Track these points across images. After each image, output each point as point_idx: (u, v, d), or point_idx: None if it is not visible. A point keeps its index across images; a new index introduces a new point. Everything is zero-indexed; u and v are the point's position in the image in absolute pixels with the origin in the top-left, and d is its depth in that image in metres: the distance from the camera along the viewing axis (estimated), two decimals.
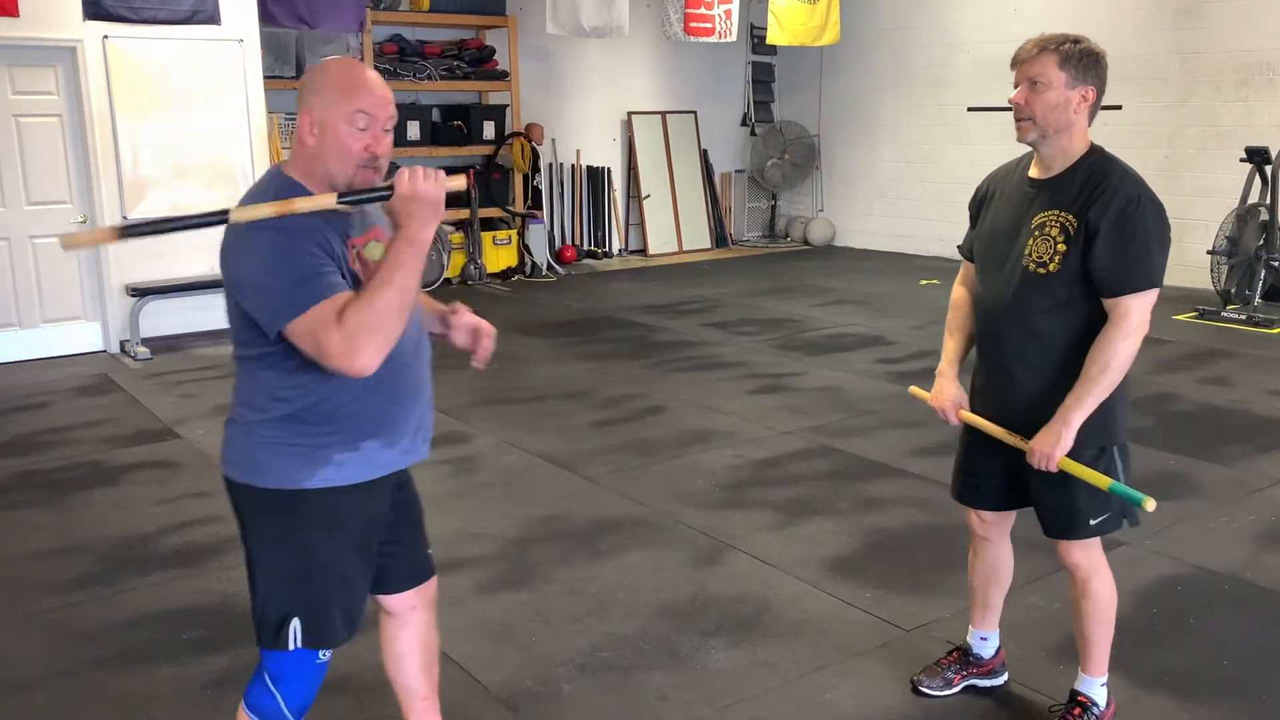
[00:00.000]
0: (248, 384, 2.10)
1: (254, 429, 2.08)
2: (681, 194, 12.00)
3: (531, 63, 10.66)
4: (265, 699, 2.16)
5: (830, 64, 12.02)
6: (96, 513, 4.42)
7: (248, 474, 2.09)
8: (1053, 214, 2.44)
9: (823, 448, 5.11)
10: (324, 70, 2.06)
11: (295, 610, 2.12)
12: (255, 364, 2.06)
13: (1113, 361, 2.37)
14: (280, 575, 2.12)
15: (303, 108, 2.02)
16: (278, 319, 1.93)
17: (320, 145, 2.01)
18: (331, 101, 1.99)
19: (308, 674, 2.18)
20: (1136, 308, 2.37)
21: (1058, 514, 2.56)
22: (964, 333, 2.72)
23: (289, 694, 2.16)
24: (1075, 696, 2.74)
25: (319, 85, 2.02)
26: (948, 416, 2.70)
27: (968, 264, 2.76)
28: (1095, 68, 2.43)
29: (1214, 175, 8.95)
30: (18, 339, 7.17)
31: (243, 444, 2.10)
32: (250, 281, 1.96)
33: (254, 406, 2.08)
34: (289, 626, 2.11)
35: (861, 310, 8.53)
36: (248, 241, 1.95)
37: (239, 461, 2.11)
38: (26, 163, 7.05)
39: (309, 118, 2.00)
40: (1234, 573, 3.70)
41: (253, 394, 2.08)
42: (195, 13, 7.35)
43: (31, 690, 3.05)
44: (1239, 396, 5.92)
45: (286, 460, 2.05)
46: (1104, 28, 9.44)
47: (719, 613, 3.45)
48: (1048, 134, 2.44)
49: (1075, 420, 2.39)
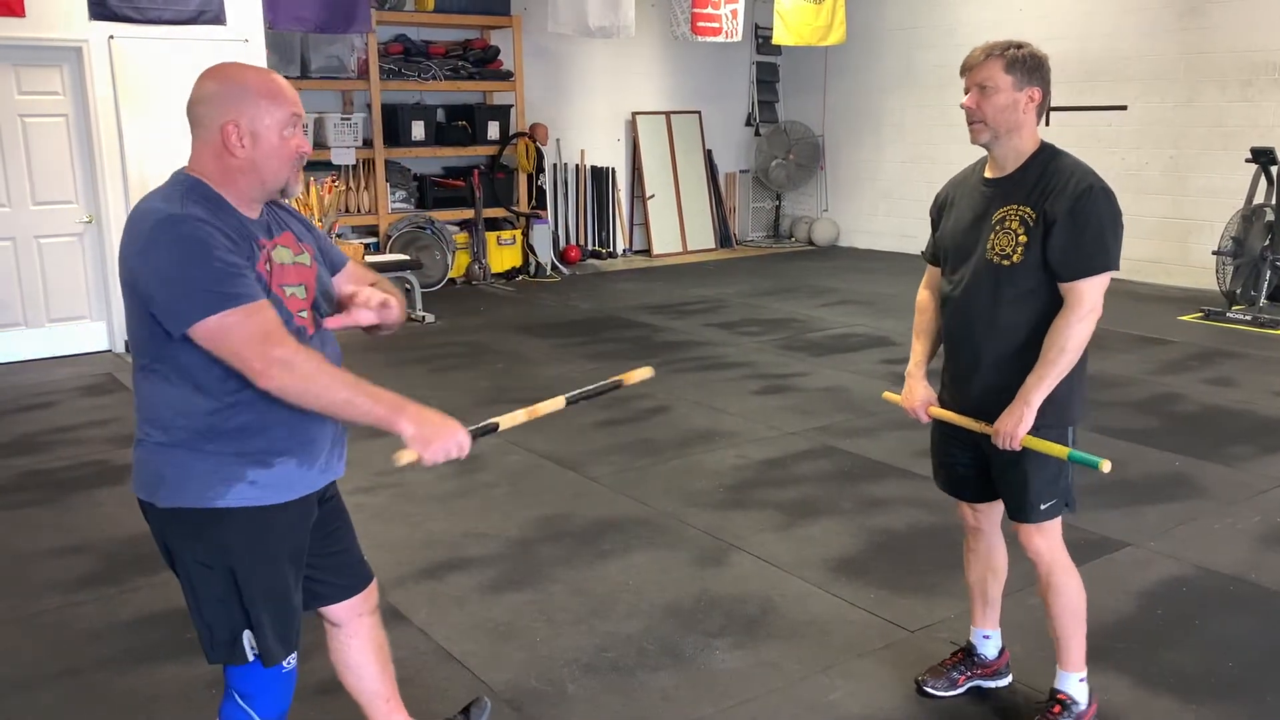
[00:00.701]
0: (151, 400, 2.00)
1: (160, 449, 2.00)
2: (686, 194, 12.00)
3: (536, 63, 10.67)
4: (236, 713, 2.14)
5: (835, 64, 12.02)
6: (101, 512, 4.43)
7: (160, 495, 2.00)
8: (1011, 208, 2.56)
9: (827, 448, 5.11)
10: (239, 80, 1.99)
11: (242, 626, 2.07)
12: (157, 376, 1.97)
13: (1069, 344, 2.48)
14: (218, 596, 2.05)
15: (223, 119, 1.95)
16: (187, 317, 1.86)
17: (253, 154, 1.97)
18: (262, 110, 1.97)
19: (276, 683, 2.13)
20: (1090, 291, 2.48)
21: (1014, 496, 2.65)
22: (930, 335, 2.84)
23: (264, 708, 2.13)
24: (1055, 694, 2.77)
25: (239, 96, 1.96)
26: (918, 415, 2.80)
27: (931, 269, 2.87)
28: (1039, 70, 2.54)
29: (1219, 175, 8.94)
30: (23, 338, 7.19)
31: (151, 464, 2.01)
32: (159, 277, 1.87)
33: (158, 424, 2.00)
34: (241, 640, 2.07)
35: (866, 311, 8.52)
36: (157, 237, 1.88)
37: (150, 483, 2.02)
38: (32, 162, 7.07)
39: (236, 129, 1.95)
40: (1238, 574, 3.70)
41: (156, 410, 1.99)
42: (201, 13, 7.36)
43: (36, 689, 3.06)
44: (1244, 397, 5.91)
45: (197, 478, 1.98)
46: (1109, 28, 9.44)
47: (723, 613, 3.45)
48: (999, 134, 2.56)
49: (1035, 400, 2.50)
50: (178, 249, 1.87)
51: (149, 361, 1.98)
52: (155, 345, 1.95)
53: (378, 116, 9.43)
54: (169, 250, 1.88)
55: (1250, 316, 7.79)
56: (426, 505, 4.42)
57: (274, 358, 1.87)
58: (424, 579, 3.73)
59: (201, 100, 1.99)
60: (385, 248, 9.44)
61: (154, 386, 1.99)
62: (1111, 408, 5.65)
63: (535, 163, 10.35)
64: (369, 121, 9.49)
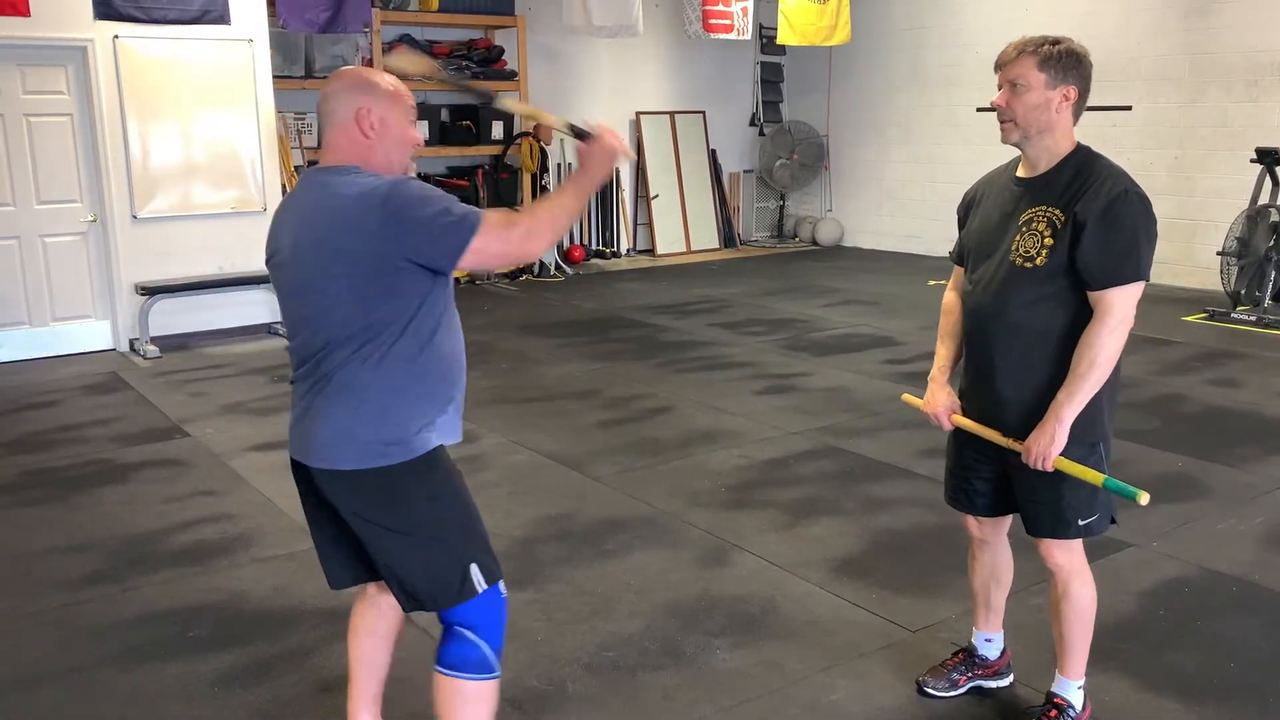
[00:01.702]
0: (363, 376, 2.15)
1: (375, 415, 2.16)
2: (690, 194, 12.00)
3: (540, 63, 10.67)
4: (470, 650, 2.26)
5: (839, 64, 12.01)
6: (105, 511, 4.44)
7: (384, 457, 2.17)
8: (1040, 209, 2.47)
9: (830, 448, 5.11)
10: (366, 77, 2.25)
11: (470, 555, 2.24)
12: (368, 356, 2.14)
13: (1100, 356, 2.39)
14: (447, 529, 2.24)
15: (355, 106, 2.20)
16: (461, 241, 2.08)
17: (382, 138, 2.22)
18: (388, 101, 2.23)
19: (499, 610, 2.30)
20: (1121, 301, 2.39)
21: (1047, 514, 2.56)
22: (955, 338, 2.74)
23: (491, 636, 2.28)
24: (1052, 698, 2.74)
25: (367, 89, 2.22)
26: (941, 422, 2.72)
27: (958, 269, 2.77)
28: (1076, 67, 2.43)
29: (1224, 176, 8.92)
30: (28, 337, 7.20)
31: (364, 434, 2.16)
32: (420, 215, 2.08)
33: (370, 397, 2.16)
34: (470, 574, 2.23)
35: (870, 311, 8.52)
36: (396, 191, 2.09)
37: (369, 451, 2.17)
38: (37, 162, 7.08)
39: (368, 116, 2.20)
40: (1242, 575, 3.69)
41: (370, 385, 2.15)
42: (205, 12, 7.37)
43: (41, 686, 3.07)
44: (1248, 398, 5.90)
45: (403, 431, 2.18)
46: (1114, 28, 9.42)
47: (725, 613, 3.45)
48: (1030, 134, 2.47)
49: (1068, 417, 2.41)
50: (420, 190, 2.12)
51: (365, 345, 2.14)
52: (378, 312, 2.12)
53: None
54: (416, 191, 2.11)
55: (1255, 317, 7.77)
56: None
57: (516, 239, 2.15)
58: None
59: (333, 95, 2.23)
60: None
61: (366, 366, 2.15)
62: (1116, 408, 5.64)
63: (539, 162, 10.35)
64: None
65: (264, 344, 7.59)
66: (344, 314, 2.14)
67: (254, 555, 3.95)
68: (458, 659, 2.26)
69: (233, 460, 5.03)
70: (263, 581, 3.72)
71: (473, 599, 2.24)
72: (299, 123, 9.03)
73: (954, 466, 2.79)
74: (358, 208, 2.09)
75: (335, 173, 2.19)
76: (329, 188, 2.16)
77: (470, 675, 2.26)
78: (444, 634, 2.29)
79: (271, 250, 2.30)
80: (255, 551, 3.99)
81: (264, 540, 4.09)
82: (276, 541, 4.07)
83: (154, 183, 7.40)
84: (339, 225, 2.11)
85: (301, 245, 2.18)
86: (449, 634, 2.28)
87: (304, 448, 2.25)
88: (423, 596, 2.25)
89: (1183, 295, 8.82)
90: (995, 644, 2.95)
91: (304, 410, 2.25)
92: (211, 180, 7.62)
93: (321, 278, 2.14)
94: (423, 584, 2.24)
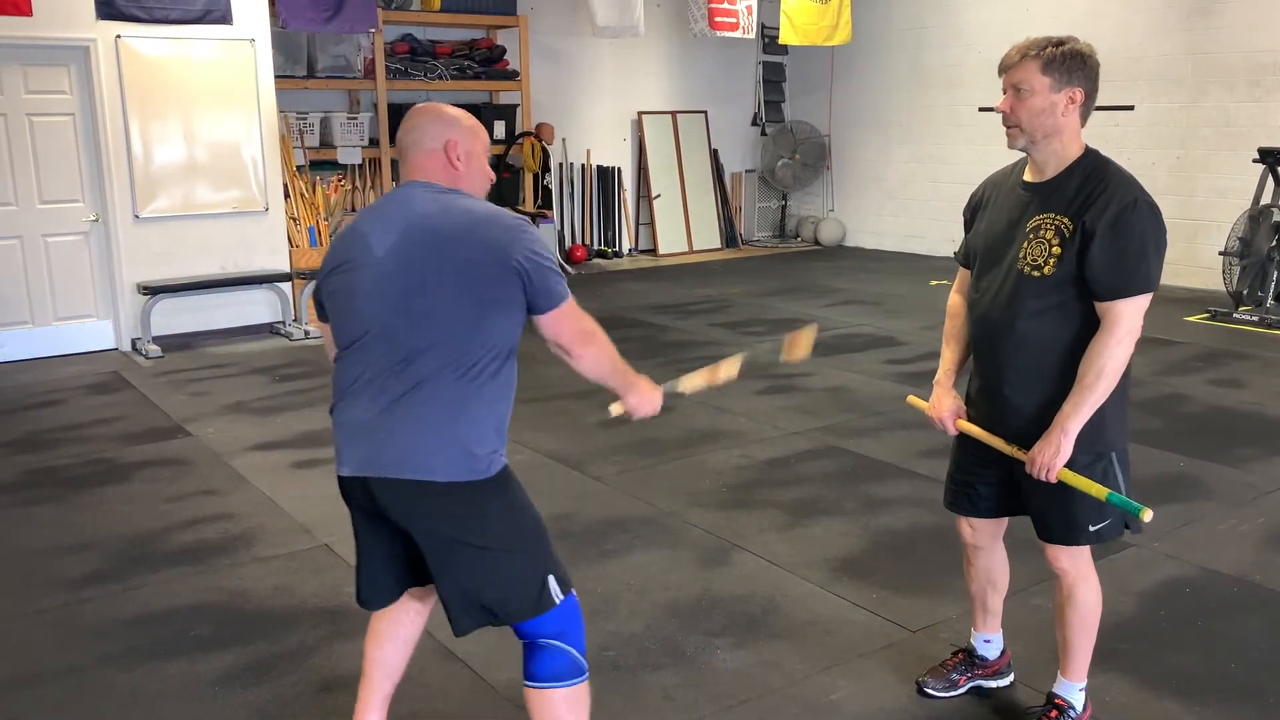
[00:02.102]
0: (455, 392, 2.18)
1: (466, 430, 2.19)
2: (692, 194, 12.00)
3: (542, 62, 10.68)
4: (560, 658, 2.29)
5: (841, 64, 12.01)
6: (107, 510, 4.44)
7: (470, 471, 2.20)
8: (1048, 217, 2.43)
9: (830, 448, 5.11)
10: (449, 113, 2.33)
11: (546, 566, 2.28)
12: (474, 376, 2.19)
13: (1107, 367, 2.37)
14: (525, 542, 2.28)
15: (445, 137, 2.28)
16: (560, 295, 2.23)
17: (468, 170, 2.31)
18: (471, 136, 2.32)
19: (578, 614, 2.34)
20: (1129, 312, 2.36)
21: (1057, 521, 2.54)
22: (961, 341, 2.73)
23: (576, 640, 2.32)
24: (1053, 699, 2.73)
25: (452, 123, 2.30)
26: (945, 426, 2.71)
27: (964, 271, 2.74)
28: (1082, 68, 2.39)
29: (1226, 176, 8.92)
30: (30, 337, 7.21)
31: (452, 449, 2.18)
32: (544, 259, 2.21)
33: (462, 413, 2.19)
34: (548, 585, 2.27)
35: (871, 311, 8.52)
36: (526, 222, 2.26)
37: (455, 465, 2.18)
38: (39, 162, 7.09)
39: (456, 148, 2.28)
40: (1243, 575, 3.69)
41: (465, 404, 2.19)
42: (207, 12, 7.38)
43: (42, 685, 3.07)
44: (1250, 398, 5.89)
45: (489, 448, 2.24)
46: (1116, 28, 9.42)
47: (725, 613, 3.45)
48: (1036, 139, 2.43)
49: (1073, 428, 2.39)
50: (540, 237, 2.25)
51: (458, 360, 2.17)
52: (489, 344, 2.20)
53: (384, 116, 9.44)
54: (538, 234, 2.25)
55: (1257, 317, 7.76)
56: None
57: (587, 330, 2.32)
58: None
59: (419, 126, 2.30)
60: None
61: (459, 382, 2.18)
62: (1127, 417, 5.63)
63: (541, 162, 10.35)
64: (375, 121, 9.50)
65: (266, 344, 7.60)
66: (455, 327, 2.15)
67: (255, 555, 3.96)
68: (551, 671, 2.28)
69: (234, 460, 5.03)
70: (264, 581, 3.73)
71: (551, 609, 2.27)
72: (301, 122, 9.03)
73: (956, 471, 2.77)
74: (492, 227, 2.18)
75: (445, 191, 2.25)
76: (450, 204, 2.22)
77: (567, 683, 2.29)
78: (530, 650, 2.30)
79: (349, 256, 2.26)
80: (256, 551, 3.99)
81: (265, 540, 4.09)
82: (277, 541, 4.08)
83: (156, 182, 7.41)
84: (472, 240, 2.16)
85: (410, 253, 2.17)
86: (536, 649, 2.29)
87: (377, 459, 2.19)
88: (499, 610, 2.25)
89: (1185, 295, 8.81)
90: (994, 644, 2.95)
91: (379, 420, 2.19)
92: (213, 180, 7.62)
93: (437, 285, 2.14)
94: (501, 598, 2.25)
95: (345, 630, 3.35)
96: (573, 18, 10.75)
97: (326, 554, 3.95)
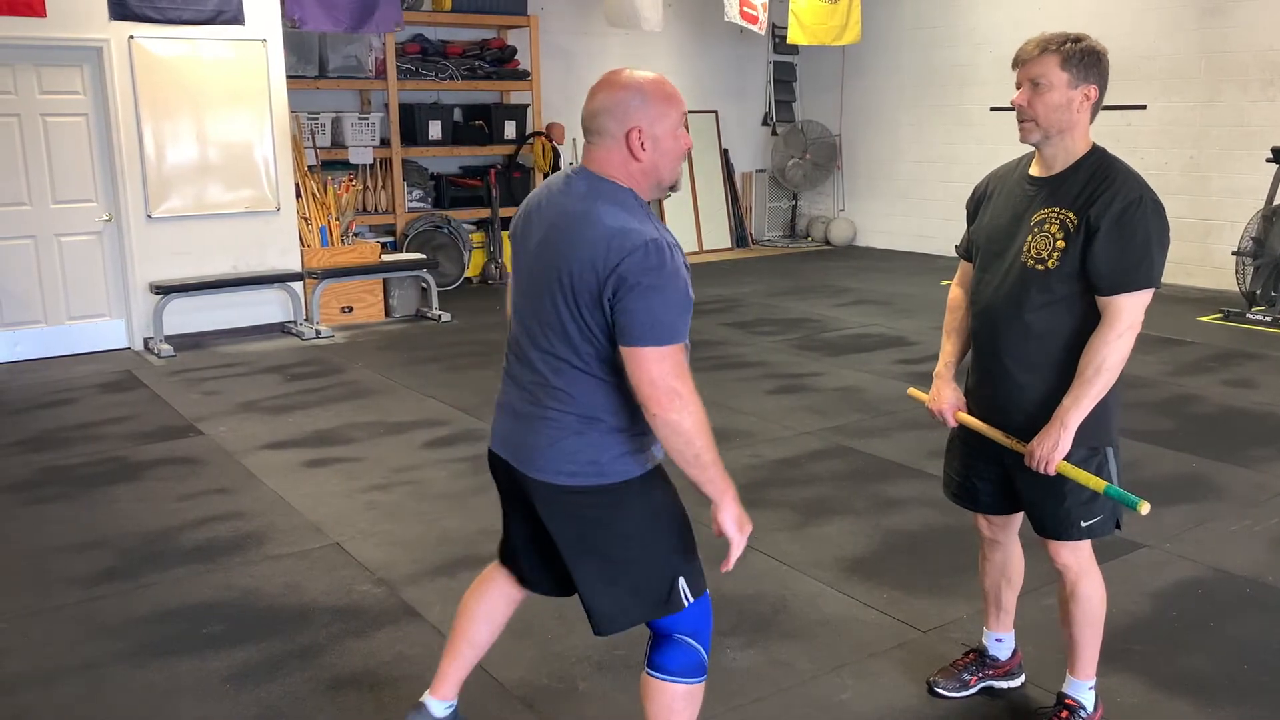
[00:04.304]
0: (590, 398, 2.16)
1: (602, 435, 2.18)
2: (702, 193, 12.00)
3: (552, 62, 10.68)
4: (688, 654, 2.30)
5: (852, 64, 11.99)
6: (120, 508, 4.46)
7: (607, 475, 2.19)
8: (1053, 211, 2.44)
9: (841, 448, 5.10)
10: (637, 88, 2.13)
11: (678, 569, 2.27)
12: (598, 378, 2.15)
13: (1107, 361, 2.38)
14: (662, 545, 2.26)
15: (628, 125, 2.11)
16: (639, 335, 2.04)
17: (654, 156, 2.14)
18: (660, 114, 2.12)
19: (709, 615, 2.35)
20: (1130, 307, 2.37)
21: (1048, 515, 2.56)
22: (961, 334, 2.74)
23: (707, 640, 2.33)
24: (1063, 699, 2.73)
25: (640, 103, 2.11)
26: (945, 419, 2.72)
27: (965, 264, 2.76)
28: (1097, 66, 2.41)
29: (1240, 175, 8.87)
30: (43, 336, 7.25)
31: (586, 452, 2.17)
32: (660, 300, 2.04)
33: (595, 417, 2.17)
34: (677, 587, 2.26)
35: (882, 311, 8.50)
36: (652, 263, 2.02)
37: (587, 468, 2.18)
38: (53, 162, 7.13)
39: (639, 134, 2.11)
40: (1256, 576, 3.67)
41: (594, 406, 2.17)
42: (220, 13, 7.41)
43: (55, 682, 3.09)
44: (1263, 399, 5.86)
45: (631, 454, 2.21)
46: (1128, 26, 9.38)
47: (735, 612, 3.45)
48: (1050, 135, 2.44)
49: (1073, 422, 2.40)
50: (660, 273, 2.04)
51: (590, 366, 2.14)
52: (607, 351, 2.11)
53: (395, 116, 9.46)
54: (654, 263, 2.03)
55: (1270, 317, 7.72)
56: (441, 503, 4.44)
57: (676, 391, 2.08)
58: (438, 576, 3.75)
59: (603, 111, 2.14)
60: (402, 247, 9.48)
61: (594, 386, 2.16)
62: (1129, 409, 5.59)
63: (552, 162, 10.35)
64: (386, 121, 9.52)
65: (278, 343, 7.62)
66: (566, 329, 2.13)
67: (267, 553, 3.97)
68: (678, 665, 2.29)
69: (246, 459, 5.05)
70: (275, 579, 3.74)
71: (680, 611, 2.26)
72: (312, 122, 9.05)
73: (957, 463, 2.79)
74: (606, 246, 2.04)
75: (604, 193, 2.13)
76: (594, 208, 2.10)
77: (692, 680, 2.30)
78: (659, 641, 2.31)
79: (521, 228, 2.28)
80: (268, 549, 4.00)
81: (277, 538, 4.11)
82: (289, 539, 4.09)
83: (168, 182, 7.44)
84: (584, 253, 2.06)
85: (544, 251, 2.16)
86: (668, 641, 2.30)
87: (518, 453, 2.25)
88: (622, 613, 2.27)
89: (1198, 295, 8.77)
90: (1006, 644, 2.94)
91: (523, 410, 2.24)
92: (225, 180, 7.65)
93: (553, 287, 2.12)
94: (626, 601, 2.26)
95: (356, 628, 3.36)
96: (584, 17, 10.75)
97: (338, 552, 3.96)
